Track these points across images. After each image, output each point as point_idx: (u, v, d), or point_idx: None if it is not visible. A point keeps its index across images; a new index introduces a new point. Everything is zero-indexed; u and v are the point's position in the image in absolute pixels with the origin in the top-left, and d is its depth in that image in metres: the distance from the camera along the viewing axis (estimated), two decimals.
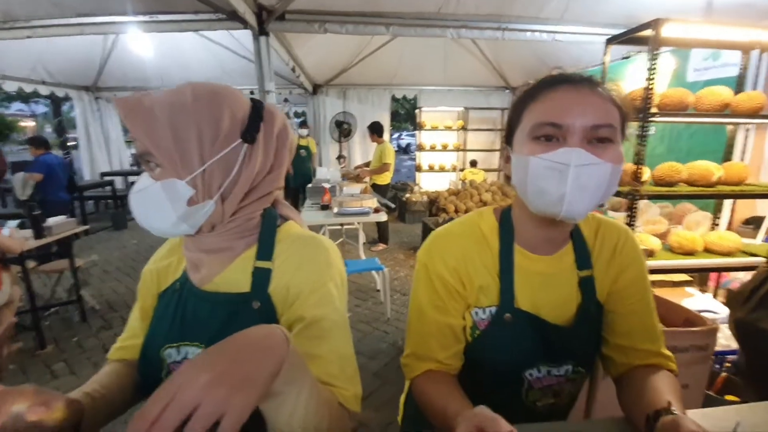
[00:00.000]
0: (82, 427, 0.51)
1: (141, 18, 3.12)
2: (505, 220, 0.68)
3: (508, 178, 0.66)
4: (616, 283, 0.67)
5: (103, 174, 7.07)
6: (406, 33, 3.55)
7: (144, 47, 5.20)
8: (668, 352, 0.65)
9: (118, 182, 7.19)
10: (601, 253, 0.68)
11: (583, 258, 0.67)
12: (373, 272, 3.51)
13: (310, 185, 4.12)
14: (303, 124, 6.28)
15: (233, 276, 0.61)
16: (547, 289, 0.66)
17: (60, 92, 6.17)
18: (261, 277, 0.59)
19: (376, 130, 4.98)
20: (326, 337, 0.57)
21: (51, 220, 2.72)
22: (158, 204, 0.56)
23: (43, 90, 5.79)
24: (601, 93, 0.56)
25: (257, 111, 0.61)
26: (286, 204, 0.74)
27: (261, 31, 3.17)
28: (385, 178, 4.96)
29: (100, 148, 7.12)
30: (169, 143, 0.55)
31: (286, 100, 7.95)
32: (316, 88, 7.00)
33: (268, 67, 3.39)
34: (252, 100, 0.64)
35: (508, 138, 0.65)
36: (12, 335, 2.48)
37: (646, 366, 0.63)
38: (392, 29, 3.43)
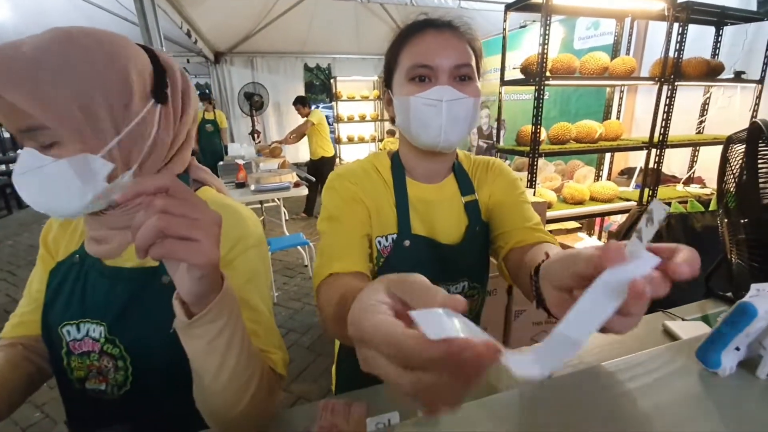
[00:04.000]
0: None
1: None
2: (395, 158, 0.76)
3: (392, 119, 0.73)
4: (492, 196, 0.76)
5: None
6: None
7: None
8: (549, 235, 0.70)
9: None
10: (480, 181, 0.78)
11: (465, 185, 0.76)
12: (299, 248, 3.44)
13: (221, 163, 3.81)
14: (204, 96, 5.73)
15: None
16: (437, 214, 0.73)
17: None
18: None
19: (300, 101, 4.72)
20: (248, 305, 0.56)
21: None
22: (65, 185, 0.47)
23: None
24: (460, 36, 0.65)
25: (158, 63, 0.54)
26: (201, 167, 0.68)
27: None
28: (329, 149, 4.78)
29: None
30: (71, 110, 0.45)
31: (184, 70, 7.15)
32: (219, 57, 6.37)
33: (156, 30, 2.97)
34: (144, 48, 0.54)
35: (388, 81, 0.71)
36: None
37: (530, 245, 0.66)
38: None
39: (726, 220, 0.65)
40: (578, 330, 0.24)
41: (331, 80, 6.72)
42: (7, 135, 7.90)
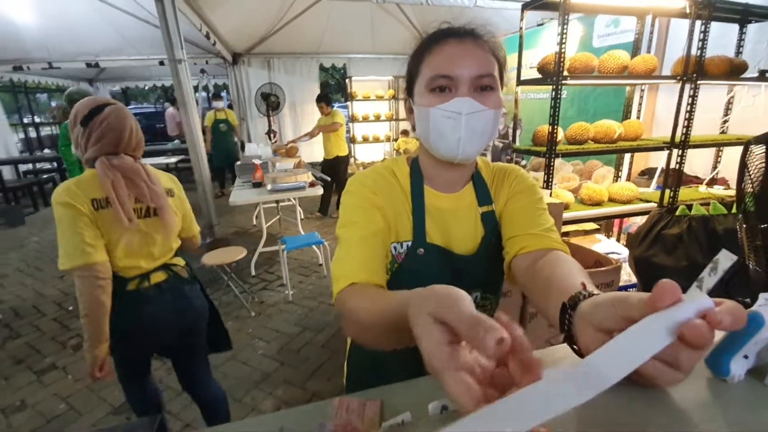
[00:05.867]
0: None
1: None
2: (414, 165, 0.76)
3: (413, 127, 0.73)
4: (507, 203, 0.75)
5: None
6: None
7: (21, 11, 4.37)
8: (558, 240, 0.67)
9: (6, 172, 6.18)
10: (498, 189, 0.77)
11: (483, 195, 0.75)
12: (314, 247, 3.47)
13: (239, 163, 3.89)
14: (217, 96, 5.84)
15: None
16: (453, 224, 0.73)
17: None
18: None
19: (323, 98, 4.70)
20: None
21: None
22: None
23: None
24: (483, 45, 0.64)
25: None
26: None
27: None
28: (343, 148, 4.80)
29: None
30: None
31: (202, 71, 7.29)
32: (236, 58, 6.48)
33: (177, 33, 3.05)
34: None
35: (409, 90, 0.71)
36: None
37: (536, 251, 0.64)
38: None
39: (744, 225, 0.63)
40: (613, 367, 0.22)
41: (347, 80, 6.76)
42: (33, 135, 8.21)
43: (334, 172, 4.69)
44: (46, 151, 7.18)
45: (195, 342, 1.43)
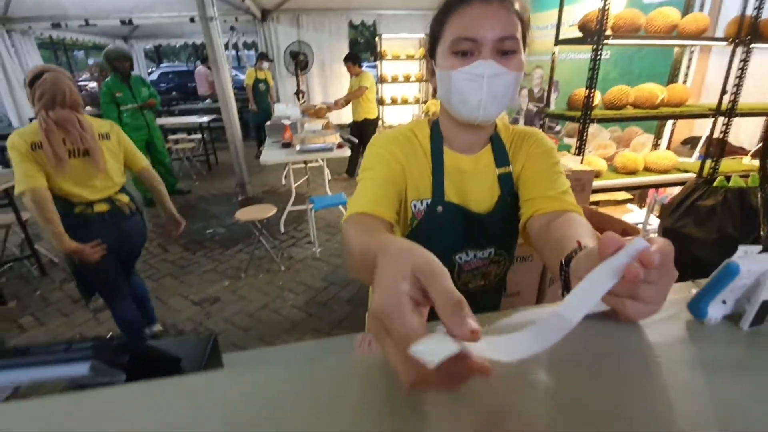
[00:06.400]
0: None
1: None
2: (435, 127, 0.78)
3: (435, 89, 0.74)
4: (525, 165, 0.77)
5: (33, 120, 6.37)
6: None
7: None
8: (573, 203, 0.69)
9: None
10: (516, 152, 0.78)
11: (501, 157, 0.77)
12: (341, 207, 3.57)
13: (269, 123, 3.95)
14: (264, 57, 5.83)
15: None
16: (471, 184, 0.76)
17: None
18: None
19: (351, 58, 4.61)
20: None
21: None
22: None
23: None
24: (508, 6, 0.63)
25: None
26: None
27: None
28: (372, 111, 4.76)
29: (23, 91, 6.33)
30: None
31: (232, 29, 7.24)
32: (265, 14, 6.38)
33: None
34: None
35: (432, 52, 0.72)
36: None
37: (549, 213, 0.67)
38: None
39: (762, 195, 0.63)
40: (573, 311, 0.27)
41: (376, 38, 6.56)
42: None
43: (362, 134, 4.69)
44: (88, 108, 7.49)
45: (131, 257, 1.85)
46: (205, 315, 2.37)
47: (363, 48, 15.64)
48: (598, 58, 1.85)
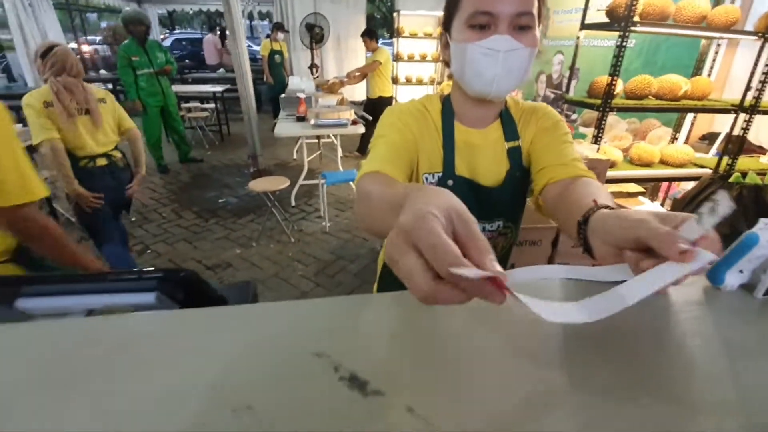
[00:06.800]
0: None
1: None
2: (446, 102, 0.79)
3: (446, 63, 0.75)
4: (534, 138, 0.79)
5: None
6: None
7: None
8: (585, 169, 0.69)
9: None
10: (524, 126, 0.80)
11: (510, 131, 0.79)
12: (351, 183, 3.59)
13: (283, 95, 3.94)
14: (280, 27, 5.75)
15: None
16: (481, 157, 0.78)
17: None
18: None
19: (369, 33, 4.55)
20: None
21: None
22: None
23: None
24: None
25: None
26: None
27: None
28: (388, 89, 4.73)
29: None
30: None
31: None
32: None
33: None
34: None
35: (447, 24, 0.72)
36: None
37: (564, 180, 0.67)
38: None
39: None
40: (632, 294, 0.28)
41: (394, 14, 6.41)
42: (86, 56, 8.48)
43: (376, 112, 4.65)
44: (103, 71, 7.46)
45: (121, 204, 2.10)
46: (218, 279, 2.44)
47: (379, 24, 15.29)
48: (624, 45, 1.82)
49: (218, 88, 5.55)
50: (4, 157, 0.85)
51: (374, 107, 4.73)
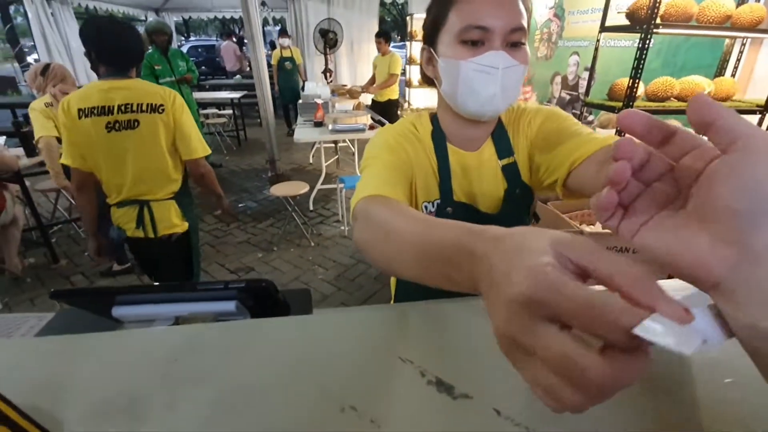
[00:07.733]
0: None
1: None
2: (435, 122, 0.73)
3: (428, 80, 0.71)
4: (530, 140, 0.72)
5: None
6: None
7: None
8: (600, 140, 0.61)
9: None
10: (515, 132, 0.73)
11: (502, 147, 0.72)
12: None
13: (300, 101, 4.01)
14: (283, 33, 5.83)
15: None
16: (477, 180, 0.73)
17: None
18: None
19: (383, 35, 4.54)
20: None
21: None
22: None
23: None
24: None
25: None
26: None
27: None
28: (396, 92, 4.76)
29: (62, 60, 6.53)
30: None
31: (263, 4, 7.24)
32: None
33: None
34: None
35: (431, 38, 0.66)
36: (21, 251, 2.59)
37: (599, 150, 0.58)
38: None
39: None
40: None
41: (407, 18, 6.45)
42: None
43: (387, 115, 4.70)
44: None
45: None
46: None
47: (390, 27, 15.38)
48: (646, 47, 1.82)
49: (236, 95, 5.67)
50: (186, 125, 1.38)
51: (384, 109, 4.76)
